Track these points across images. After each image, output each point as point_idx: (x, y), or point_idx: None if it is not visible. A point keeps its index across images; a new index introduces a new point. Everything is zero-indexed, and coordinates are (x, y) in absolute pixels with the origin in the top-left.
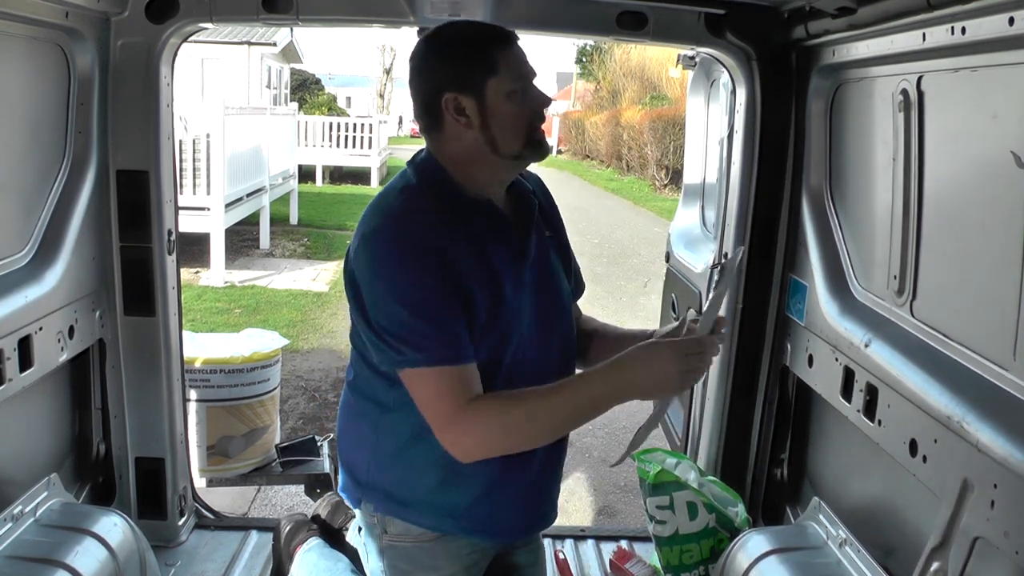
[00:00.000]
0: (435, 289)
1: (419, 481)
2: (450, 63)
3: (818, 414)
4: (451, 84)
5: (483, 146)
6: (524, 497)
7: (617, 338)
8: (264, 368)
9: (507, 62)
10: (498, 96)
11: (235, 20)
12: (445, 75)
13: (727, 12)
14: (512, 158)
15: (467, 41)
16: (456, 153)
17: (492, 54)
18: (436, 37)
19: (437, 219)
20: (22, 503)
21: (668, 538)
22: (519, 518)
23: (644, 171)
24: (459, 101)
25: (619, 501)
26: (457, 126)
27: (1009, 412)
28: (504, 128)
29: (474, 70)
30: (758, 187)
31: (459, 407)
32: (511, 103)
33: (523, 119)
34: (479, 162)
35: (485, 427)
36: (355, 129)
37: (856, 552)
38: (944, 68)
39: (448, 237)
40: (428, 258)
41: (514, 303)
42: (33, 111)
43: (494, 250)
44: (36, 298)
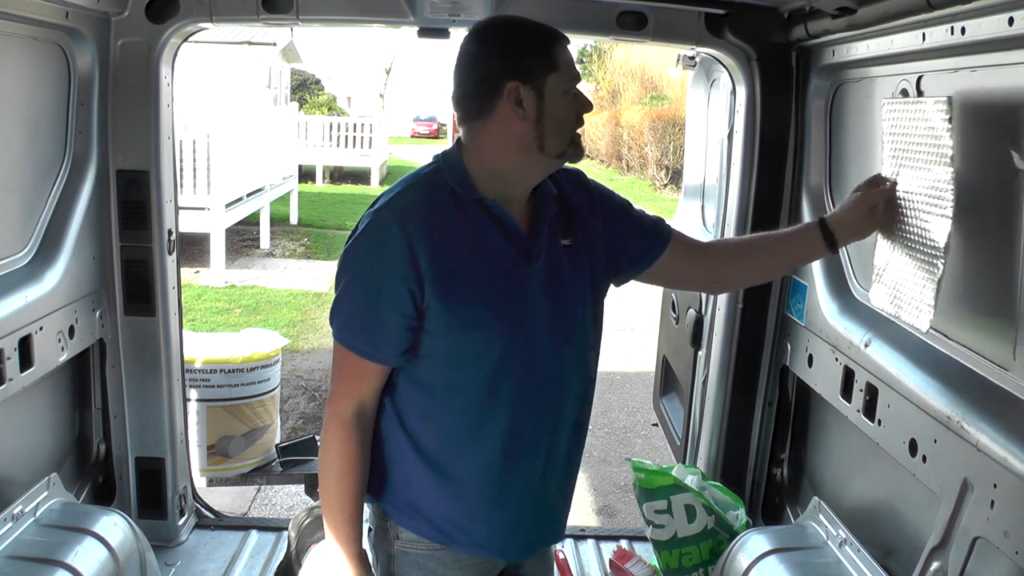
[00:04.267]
0: (385, 286)
1: (424, 491)
2: (518, 52)
3: (818, 414)
4: (516, 73)
5: (531, 141)
6: (525, 519)
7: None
8: (264, 368)
9: (565, 61)
10: (555, 93)
11: (235, 20)
12: (511, 63)
13: (727, 12)
14: (555, 156)
15: (534, 34)
16: (497, 144)
17: (554, 51)
18: (500, 26)
19: (422, 211)
20: (22, 503)
21: (667, 541)
22: (520, 539)
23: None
24: (519, 92)
25: (619, 501)
26: (511, 116)
27: (1009, 412)
28: (554, 125)
29: (540, 63)
30: (758, 187)
31: (341, 397)
32: (565, 102)
33: (571, 119)
34: (521, 156)
35: (324, 438)
36: (355, 129)
37: (856, 552)
38: (944, 68)
39: (422, 233)
40: (389, 254)
41: (503, 301)
42: (33, 111)
43: (490, 248)
44: (36, 298)
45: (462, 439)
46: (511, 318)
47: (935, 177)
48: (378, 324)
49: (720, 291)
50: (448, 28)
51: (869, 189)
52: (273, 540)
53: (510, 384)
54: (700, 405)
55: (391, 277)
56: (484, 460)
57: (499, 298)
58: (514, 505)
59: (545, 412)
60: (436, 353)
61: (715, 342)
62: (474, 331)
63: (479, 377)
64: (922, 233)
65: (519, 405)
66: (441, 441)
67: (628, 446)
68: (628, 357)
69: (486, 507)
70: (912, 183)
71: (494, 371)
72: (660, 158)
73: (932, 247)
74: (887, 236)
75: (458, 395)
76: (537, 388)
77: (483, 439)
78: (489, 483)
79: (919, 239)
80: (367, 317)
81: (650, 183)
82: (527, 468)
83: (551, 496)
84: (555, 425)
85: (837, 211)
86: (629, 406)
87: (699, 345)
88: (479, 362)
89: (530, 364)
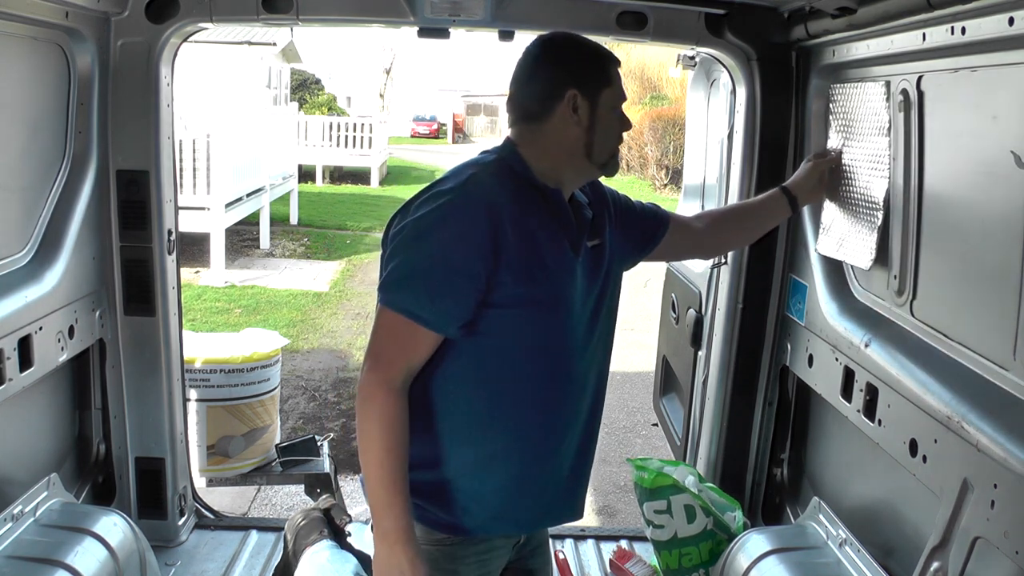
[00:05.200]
0: (455, 260)
1: (448, 462)
2: (580, 64)
3: (818, 414)
4: (577, 82)
5: (581, 147)
6: (551, 488)
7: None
8: (264, 368)
9: (617, 80)
10: (607, 107)
11: (235, 20)
12: (574, 73)
13: (727, 12)
14: (598, 166)
15: (591, 49)
16: (551, 146)
17: (608, 68)
18: (566, 38)
19: (499, 194)
20: (22, 503)
21: (666, 542)
22: (540, 506)
23: (644, 171)
24: (577, 100)
25: (619, 501)
26: (567, 121)
27: (1009, 412)
28: (602, 136)
29: (598, 78)
30: (758, 187)
31: (391, 364)
32: (614, 117)
33: (616, 134)
34: (569, 160)
35: (368, 407)
36: (355, 129)
37: (856, 552)
38: (944, 68)
39: (503, 212)
40: (471, 229)
41: (557, 285)
42: (33, 111)
43: (551, 236)
44: (36, 298)
45: (501, 413)
46: (562, 303)
47: (876, 146)
48: (446, 294)
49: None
50: (448, 28)
51: (818, 159)
52: (273, 540)
53: (551, 361)
54: (700, 405)
55: (471, 249)
56: (516, 434)
57: (555, 281)
58: (536, 478)
59: (573, 393)
60: (491, 330)
61: (715, 342)
62: (534, 309)
63: (525, 356)
64: (864, 192)
65: (555, 382)
66: (478, 412)
67: (628, 446)
68: (628, 357)
69: (517, 475)
70: (855, 152)
71: (541, 348)
72: (660, 158)
73: (873, 202)
74: (833, 197)
75: (503, 372)
76: (569, 368)
77: (519, 413)
78: (516, 456)
79: (861, 197)
80: (437, 286)
81: (650, 183)
82: (553, 444)
83: (567, 474)
84: (577, 408)
85: (794, 177)
86: (629, 406)
87: (699, 345)
88: (530, 339)
89: (569, 346)
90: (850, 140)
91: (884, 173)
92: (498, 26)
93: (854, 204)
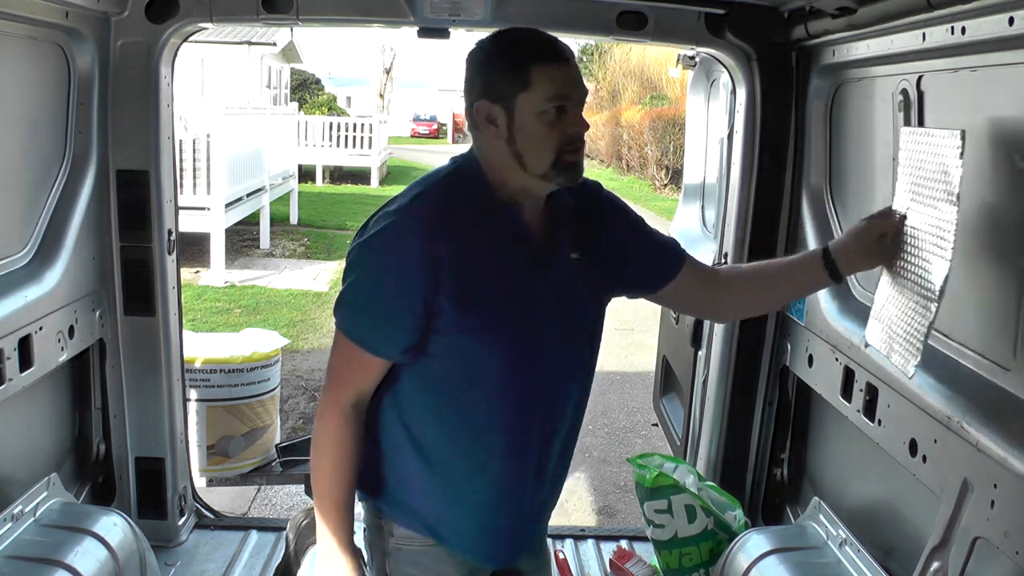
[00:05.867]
0: (399, 285)
1: (418, 489)
2: (487, 71)
3: (818, 414)
4: (486, 91)
5: (511, 159)
6: (514, 525)
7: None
8: (264, 368)
9: (543, 81)
10: (527, 113)
11: (235, 20)
12: (481, 81)
13: (727, 12)
14: (539, 177)
15: (508, 52)
16: (489, 158)
17: (528, 69)
18: (486, 41)
19: (443, 215)
20: (22, 503)
21: (667, 541)
22: (508, 545)
23: (644, 171)
24: (490, 110)
25: (619, 501)
26: (488, 133)
27: (1009, 412)
28: (529, 146)
29: (507, 82)
30: (758, 187)
31: (341, 387)
32: (540, 123)
33: (551, 140)
34: (508, 171)
35: (319, 426)
36: (355, 129)
37: (856, 552)
38: (944, 68)
39: (444, 236)
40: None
41: (512, 307)
42: (33, 111)
43: (506, 254)
44: (36, 298)
45: (462, 440)
46: (519, 324)
47: (940, 216)
48: (386, 320)
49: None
50: (448, 28)
51: (880, 219)
52: (273, 540)
53: (513, 389)
54: (700, 405)
55: (407, 275)
56: (481, 463)
57: (509, 303)
58: (506, 511)
59: (542, 420)
60: (443, 353)
61: (715, 342)
62: (482, 334)
63: (483, 380)
64: (922, 273)
65: (519, 411)
66: (441, 440)
67: (628, 446)
68: (628, 357)
69: (478, 510)
70: (920, 219)
71: (499, 375)
72: (660, 158)
73: (928, 289)
74: (889, 271)
75: (462, 395)
76: (538, 396)
77: (482, 442)
78: (484, 486)
79: (918, 279)
80: (376, 312)
81: (650, 183)
82: (520, 474)
83: (536, 504)
84: (549, 434)
85: (842, 238)
86: (629, 406)
87: (699, 345)
88: (485, 365)
89: (534, 372)
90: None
91: (945, 251)
92: (498, 26)
93: (909, 287)
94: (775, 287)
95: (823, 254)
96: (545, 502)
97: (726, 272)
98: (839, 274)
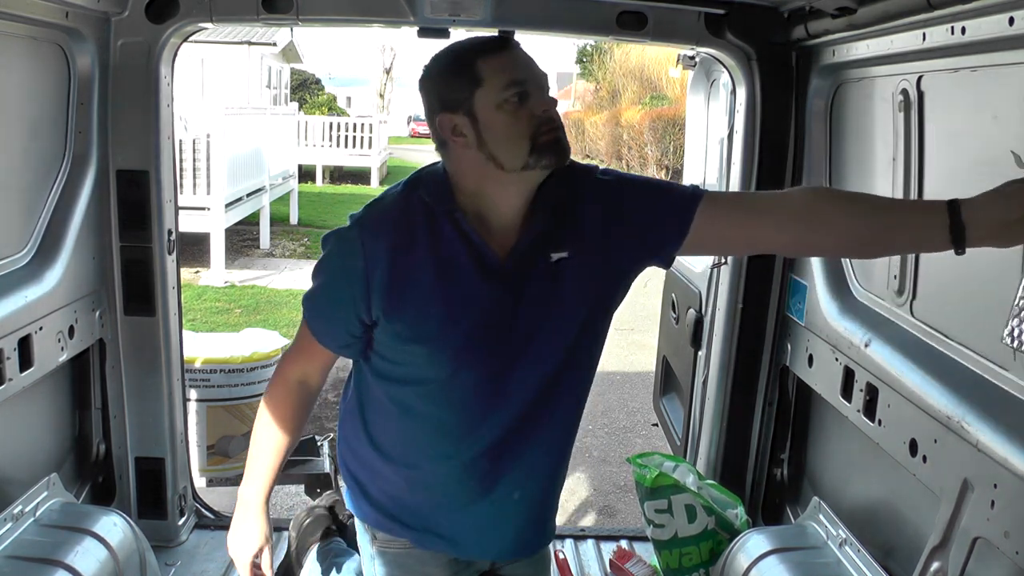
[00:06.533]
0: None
1: (391, 493)
2: (437, 84)
3: (818, 414)
4: (442, 106)
5: (486, 163)
6: (489, 521)
7: None
8: (264, 368)
9: (493, 72)
10: (488, 109)
11: (235, 20)
12: (436, 97)
13: (727, 12)
14: (520, 170)
15: (450, 59)
16: (464, 172)
17: (474, 66)
18: (429, 62)
19: (388, 228)
20: (22, 503)
21: (667, 541)
22: (485, 545)
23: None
24: (452, 121)
25: (619, 501)
26: (457, 147)
27: (1009, 412)
28: (500, 141)
29: (460, 87)
30: (758, 187)
31: (290, 360)
32: (503, 113)
33: (521, 127)
34: (487, 179)
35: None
36: (355, 129)
37: (856, 552)
38: (944, 68)
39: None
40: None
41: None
42: (33, 111)
43: (451, 266)
44: (36, 298)
45: (420, 445)
46: (464, 335)
47: None
48: (326, 320)
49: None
50: (448, 28)
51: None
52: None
53: (463, 400)
54: (700, 405)
55: (341, 287)
56: (442, 468)
57: (451, 315)
58: (474, 513)
59: (505, 427)
60: (387, 355)
61: (715, 342)
62: (418, 345)
63: (428, 390)
64: None
65: (472, 421)
66: (401, 445)
67: (628, 446)
68: (628, 357)
69: (448, 511)
70: None
71: (445, 385)
72: (660, 158)
73: None
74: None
75: (411, 404)
76: (493, 406)
77: (439, 449)
78: (451, 488)
79: None
80: (319, 311)
81: None
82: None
83: (516, 510)
84: (519, 441)
85: (983, 199)
86: (629, 406)
87: (699, 345)
88: (428, 375)
89: (487, 382)
90: None
91: None
92: (498, 26)
93: None
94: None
95: (950, 213)
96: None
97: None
98: (963, 243)
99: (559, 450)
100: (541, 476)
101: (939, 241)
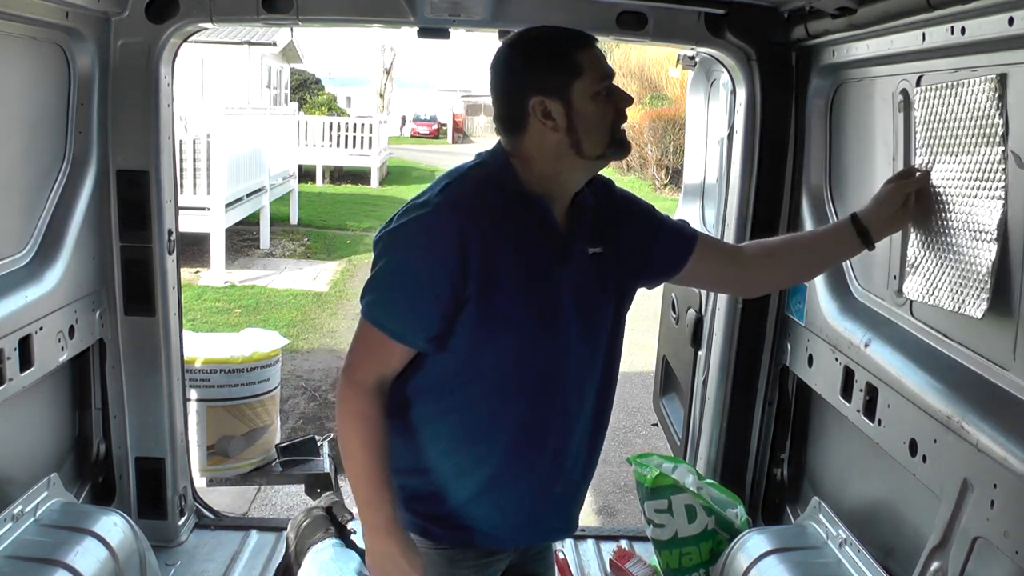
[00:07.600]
0: (428, 273)
1: (432, 472)
2: (536, 67)
3: (818, 414)
4: (538, 88)
5: (567, 148)
6: (527, 502)
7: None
8: (264, 368)
9: (590, 64)
10: (583, 98)
11: (235, 20)
12: (531, 79)
13: (727, 12)
14: (595, 158)
15: (551, 45)
16: (536, 154)
17: (575, 57)
18: (520, 42)
19: (472, 207)
20: (22, 503)
21: (667, 541)
22: (524, 524)
23: (644, 171)
24: (546, 105)
25: (619, 501)
26: (543, 129)
27: (1009, 412)
28: (589, 130)
29: (559, 74)
30: (758, 187)
31: (363, 370)
32: (596, 104)
33: (608, 119)
34: (560, 163)
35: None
36: (355, 129)
37: (856, 552)
38: (944, 68)
39: (473, 227)
40: (437, 244)
41: (535, 300)
42: (33, 111)
43: (531, 245)
44: (36, 298)
45: (474, 431)
46: (540, 318)
47: (982, 159)
48: (413, 308)
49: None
50: (448, 28)
51: (901, 180)
52: (273, 540)
53: (528, 381)
54: (700, 405)
55: (437, 265)
56: (492, 451)
57: (532, 297)
58: (518, 497)
59: (559, 413)
60: (462, 345)
61: (715, 342)
62: (504, 325)
63: (500, 370)
64: (968, 219)
65: (533, 403)
66: (454, 425)
67: (628, 446)
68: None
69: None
70: (951, 170)
71: (515, 366)
72: (660, 158)
73: (982, 231)
74: (921, 227)
75: (477, 385)
76: (554, 389)
77: (493, 433)
78: (494, 473)
79: (964, 225)
80: (404, 300)
81: (650, 183)
82: (533, 466)
83: (557, 495)
84: (568, 427)
85: (869, 205)
86: (629, 406)
87: (699, 345)
88: (502, 356)
89: (551, 365)
90: (943, 153)
91: (995, 191)
92: (498, 26)
93: (952, 235)
94: (805, 258)
95: (853, 220)
96: (566, 495)
97: (753, 247)
98: (871, 240)
99: (599, 439)
100: (583, 461)
101: (854, 246)
